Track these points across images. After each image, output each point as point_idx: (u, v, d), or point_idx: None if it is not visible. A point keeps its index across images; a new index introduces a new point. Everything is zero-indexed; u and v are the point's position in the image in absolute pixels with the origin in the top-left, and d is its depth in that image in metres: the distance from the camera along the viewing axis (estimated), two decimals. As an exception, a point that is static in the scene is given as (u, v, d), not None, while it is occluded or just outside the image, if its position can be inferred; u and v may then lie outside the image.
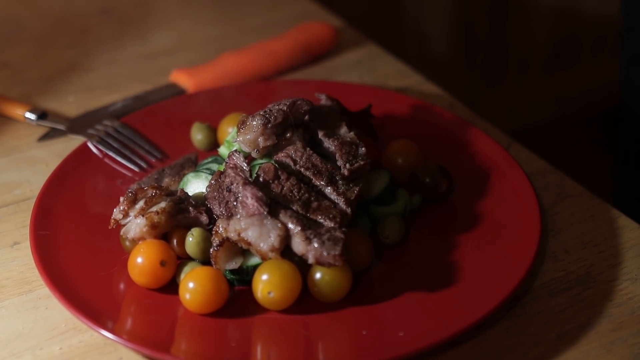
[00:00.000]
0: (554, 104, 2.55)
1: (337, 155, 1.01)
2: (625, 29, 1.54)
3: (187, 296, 0.92)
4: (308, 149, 1.01)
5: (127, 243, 0.98)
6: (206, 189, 0.99)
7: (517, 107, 2.48)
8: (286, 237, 0.92)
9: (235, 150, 1.00)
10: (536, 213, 1.01)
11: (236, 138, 1.02)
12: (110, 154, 1.15)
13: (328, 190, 0.98)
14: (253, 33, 1.49)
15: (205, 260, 0.96)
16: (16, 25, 1.52)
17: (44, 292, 0.98)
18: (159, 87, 1.34)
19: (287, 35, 1.40)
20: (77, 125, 1.23)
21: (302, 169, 0.99)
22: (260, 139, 1.01)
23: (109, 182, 1.11)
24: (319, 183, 0.98)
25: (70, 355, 0.91)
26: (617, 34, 1.58)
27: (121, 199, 0.99)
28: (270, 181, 0.97)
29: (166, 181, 1.08)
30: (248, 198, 0.94)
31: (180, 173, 1.10)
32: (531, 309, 0.95)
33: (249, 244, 0.92)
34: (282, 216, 0.93)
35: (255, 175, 0.98)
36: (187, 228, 0.98)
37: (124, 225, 0.98)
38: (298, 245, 0.91)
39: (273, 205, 0.94)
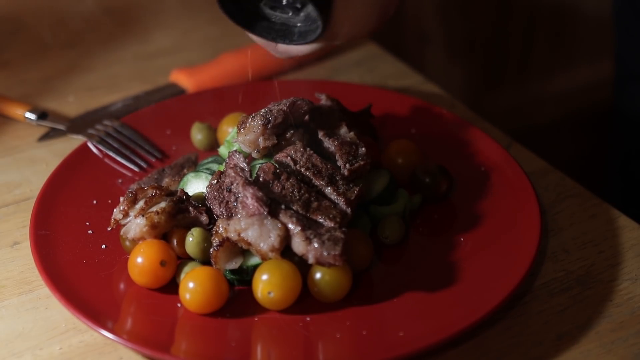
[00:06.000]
0: (554, 104, 2.55)
1: (337, 155, 1.01)
2: (617, 36, 1.56)
3: (187, 296, 0.92)
4: (308, 149, 1.01)
5: (127, 243, 0.98)
6: (206, 189, 0.99)
7: (517, 107, 2.48)
8: (286, 237, 0.92)
9: (235, 150, 1.00)
10: (536, 213, 1.01)
11: (236, 138, 1.02)
12: (110, 154, 1.15)
13: (328, 190, 0.98)
14: (253, 33, 1.49)
15: (205, 260, 0.96)
16: (16, 25, 1.52)
17: (44, 292, 0.98)
18: (159, 87, 1.34)
19: (287, 35, 1.40)
20: (77, 125, 1.23)
21: (302, 169, 0.99)
22: (261, 139, 1.01)
23: (109, 182, 1.11)
24: (319, 183, 0.98)
25: (70, 355, 0.91)
26: (613, 35, 1.59)
27: (121, 199, 0.99)
28: (270, 181, 0.97)
29: (166, 181, 1.08)
30: (248, 198, 0.94)
31: (180, 173, 1.10)
32: (531, 309, 0.95)
33: (249, 244, 0.92)
34: (282, 216, 0.93)
35: (255, 175, 0.98)
36: (187, 228, 0.98)
37: (124, 225, 0.98)
38: (298, 245, 0.91)
39: (273, 205, 0.94)
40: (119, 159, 1.15)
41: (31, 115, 1.25)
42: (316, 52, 0.99)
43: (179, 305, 0.94)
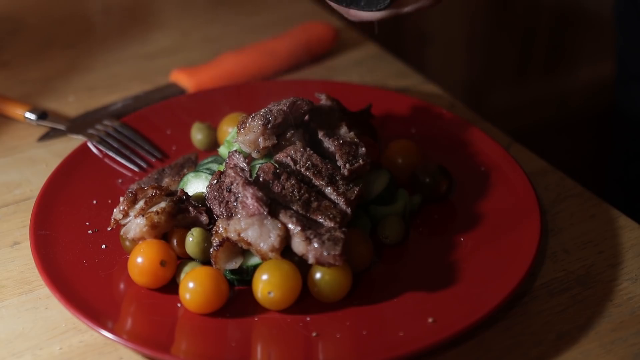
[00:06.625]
0: (554, 104, 2.55)
1: (337, 155, 1.01)
2: (619, 36, 1.56)
3: (187, 296, 0.92)
4: (308, 149, 1.01)
5: (127, 243, 0.98)
6: (206, 189, 0.99)
7: (517, 107, 2.48)
8: (286, 237, 0.92)
9: (235, 151, 1.00)
10: (536, 213, 1.01)
11: (236, 138, 1.02)
12: (110, 154, 1.15)
13: (328, 190, 0.98)
14: (253, 33, 1.49)
15: (205, 260, 0.96)
16: (16, 25, 1.52)
17: (44, 292, 0.98)
18: (159, 87, 1.34)
19: (287, 35, 1.40)
20: (77, 125, 1.23)
21: (302, 169, 0.99)
22: (261, 139, 1.01)
23: (109, 182, 1.11)
24: (319, 183, 0.98)
25: (70, 355, 0.91)
26: (615, 36, 1.59)
27: (121, 199, 0.99)
28: (270, 181, 0.97)
29: (166, 181, 1.08)
30: (248, 198, 0.94)
31: (180, 173, 1.10)
32: (531, 309, 0.95)
33: (249, 244, 0.92)
34: (282, 216, 0.93)
35: (255, 175, 0.98)
36: (187, 228, 0.98)
37: (124, 225, 0.98)
38: (298, 245, 0.91)
39: (273, 205, 0.94)
40: (119, 159, 1.15)
41: (31, 115, 1.25)
42: (387, 18, 1.02)
43: (179, 305, 0.94)
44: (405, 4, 1.00)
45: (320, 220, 0.94)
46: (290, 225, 0.92)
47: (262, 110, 1.02)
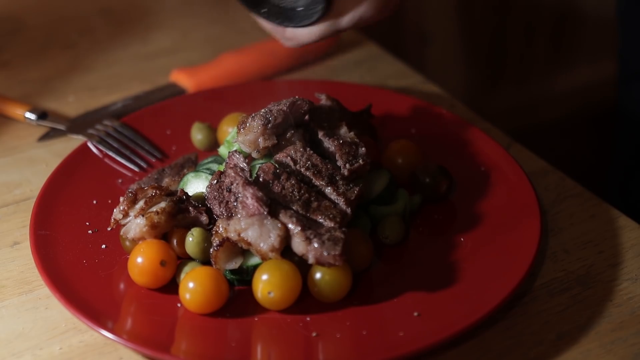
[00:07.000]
0: (554, 104, 2.55)
1: (337, 155, 1.01)
2: (621, 34, 1.55)
3: (187, 296, 0.92)
4: (308, 149, 1.01)
5: (127, 243, 0.98)
6: (206, 189, 0.99)
7: (517, 107, 2.48)
8: (286, 237, 0.92)
9: (235, 151, 1.00)
10: (536, 213, 1.01)
11: (236, 138, 1.02)
12: (110, 154, 1.15)
13: (328, 190, 0.98)
14: (253, 33, 1.49)
15: (205, 260, 0.96)
16: (16, 25, 1.52)
17: (44, 292, 0.98)
18: (159, 87, 1.34)
19: (287, 35, 1.40)
20: (77, 125, 1.23)
21: (302, 169, 0.99)
22: (261, 140, 1.01)
23: (109, 182, 1.11)
24: (319, 183, 0.98)
25: (70, 355, 0.91)
26: (616, 35, 1.59)
27: (121, 199, 0.99)
28: (270, 181, 0.97)
29: (166, 181, 1.08)
30: (248, 198, 0.94)
31: (180, 173, 1.10)
32: (531, 309, 0.95)
33: (249, 244, 0.92)
34: (282, 216, 0.93)
35: (255, 175, 0.98)
36: (187, 228, 0.98)
37: (124, 225, 0.98)
38: (298, 245, 0.91)
39: (273, 205, 0.94)
40: (119, 159, 1.15)
41: (31, 115, 1.25)
42: (324, 40, 0.99)
43: (179, 305, 0.94)
44: (341, 19, 0.98)
45: (320, 220, 0.94)
46: (290, 225, 0.92)
47: (262, 110, 1.02)
